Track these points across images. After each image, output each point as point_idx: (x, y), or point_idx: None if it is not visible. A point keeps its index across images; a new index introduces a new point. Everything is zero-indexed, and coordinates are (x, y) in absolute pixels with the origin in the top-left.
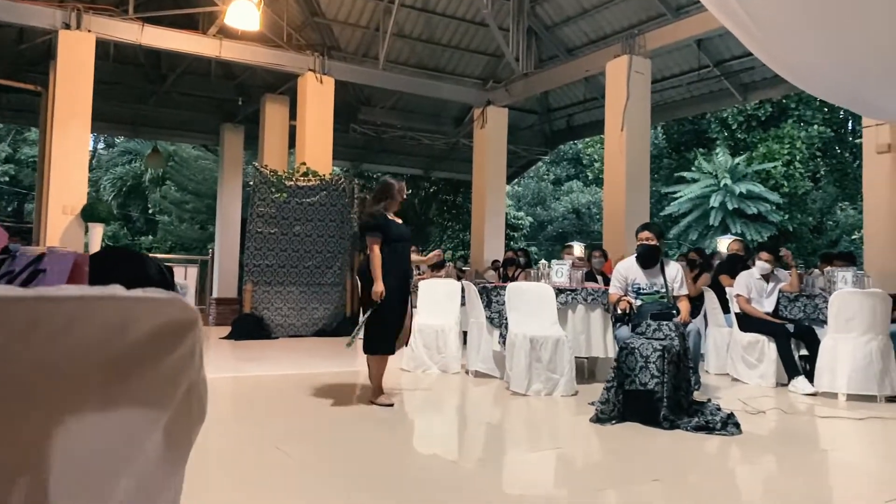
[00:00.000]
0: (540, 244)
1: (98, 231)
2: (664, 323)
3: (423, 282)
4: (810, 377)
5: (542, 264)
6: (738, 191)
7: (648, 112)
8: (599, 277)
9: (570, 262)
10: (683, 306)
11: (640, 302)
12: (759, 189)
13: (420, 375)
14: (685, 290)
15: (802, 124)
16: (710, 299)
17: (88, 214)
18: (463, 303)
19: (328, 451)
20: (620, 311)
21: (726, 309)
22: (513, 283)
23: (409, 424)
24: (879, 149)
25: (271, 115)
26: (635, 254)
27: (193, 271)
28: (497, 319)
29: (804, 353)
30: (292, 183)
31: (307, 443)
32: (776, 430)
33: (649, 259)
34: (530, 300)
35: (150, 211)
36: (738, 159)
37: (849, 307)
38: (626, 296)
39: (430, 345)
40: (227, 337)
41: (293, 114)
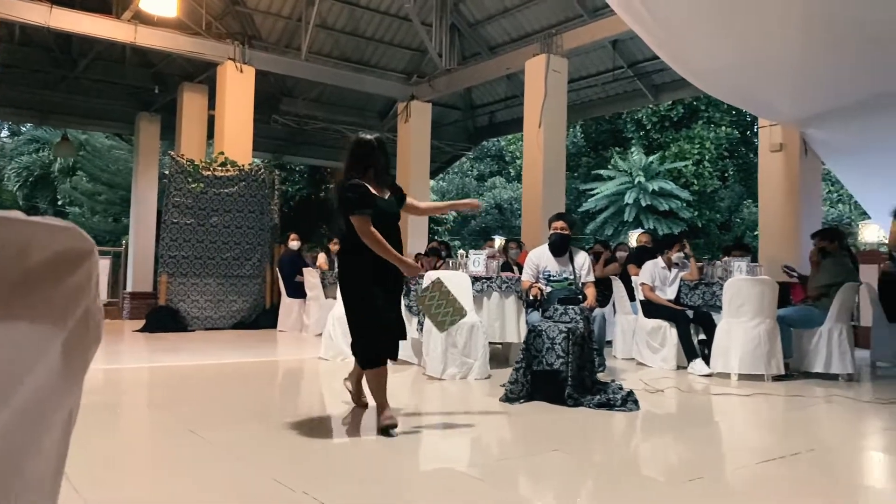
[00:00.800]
0: (464, 238)
1: None
2: (570, 307)
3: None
4: (708, 360)
5: (461, 254)
6: (651, 188)
7: (565, 110)
8: (515, 267)
9: (487, 253)
10: (590, 292)
11: (550, 288)
12: (670, 187)
13: (339, 363)
14: (592, 277)
15: (712, 126)
16: (619, 288)
17: None
18: None
19: (243, 434)
20: (532, 297)
21: (634, 298)
22: (431, 271)
23: (325, 410)
24: (773, 147)
25: (189, 104)
26: (548, 242)
27: (105, 264)
28: (415, 307)
29: (703, 337)
30: (210, 173)
31: (222, 427)
32: (672, 406)
33: (561, 247)
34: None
35: (60, 202)
36: (651, 158)
37: (740, 294)
38: (537, 283)
39: (348, 333)
40: (142, 330)
41: (212, 103)
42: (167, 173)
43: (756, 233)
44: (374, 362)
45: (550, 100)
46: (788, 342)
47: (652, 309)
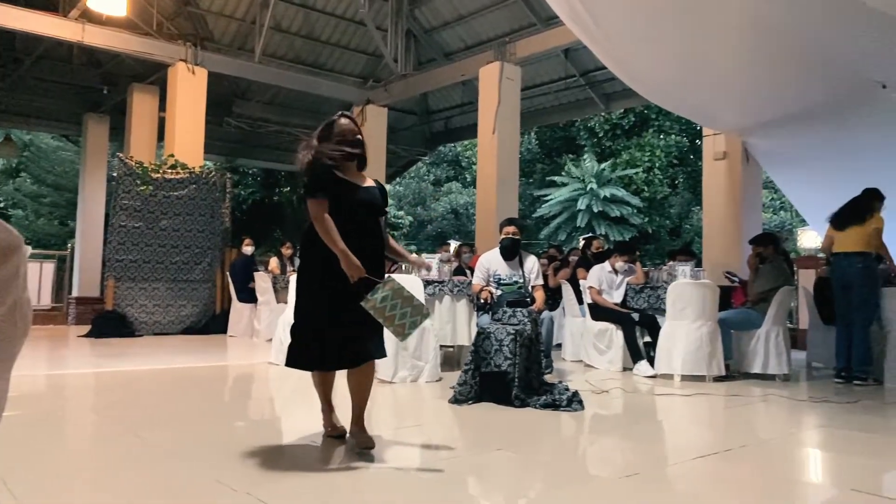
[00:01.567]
0: (420, 243)
1: None
2: (518, 309)
3: (294, 276)
4: (653, 361)
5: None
6: (602, 195)
7: (518, 117)
8: (468, 271)
9: (441, 257)
10: (539, 295)
11: (500, 292)
12: (622, 193)
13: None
14: (541, 281)
15: (662, 134)
16: (567, 292)
17: None
18: None
19: (187, 437)
20: (482, 301)
21: (582, 301)
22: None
23: (273, 413)
24: (716, 156)
25: (139, 105)
26: (499, 246)
27: (50, 268)
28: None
29: (648, 339)
30: (159, 175)
31: (166, 430)
32: (616, 406)
33: (512, 251)
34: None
35: (2, 205)
36: (603, 165)
37: (683, 297)
38: (488, 286)
39: None
40: (87, 335)
41: (163, 105)
42: (115, 175)
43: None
44: (293, 363)
45: (504, 107)
46: (729, 344)
47: (599, 312)
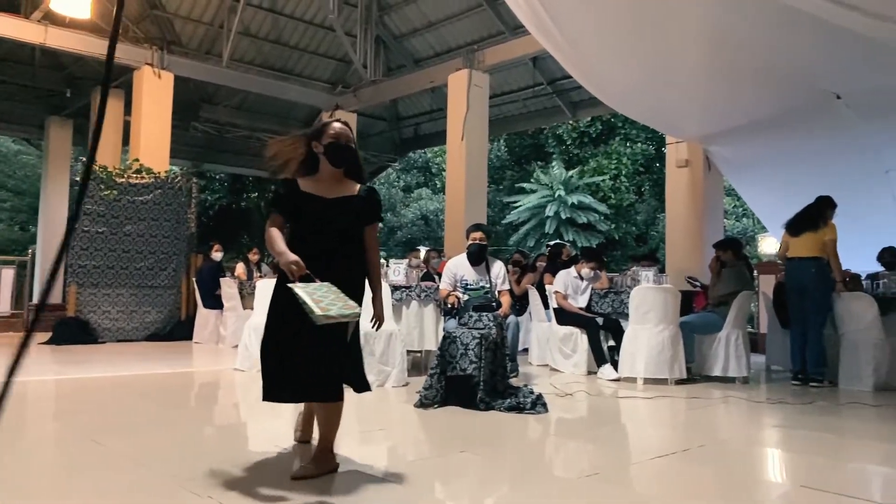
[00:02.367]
0: (390, 249)
1: None
2: (484, 314)
3: (260, 282)
4: (616, 365)
5: (381, 263)
6: (570, 202)
7: (486, 124)
8: (436, 276)
9: (408, 262)
10: (505, 300)
11: (467, 296)
12: (589, 200)
13: (255, 374)
14: (507, 286)
15: (628, 142)
16: (534, 297)
17: None
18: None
19: (150, 443)
20: (449, 305)
21: (548, 306)
22: None
23: (238, 419)
24: (679, 163)
25: None
26: (466, 252)
27: (9, 273)
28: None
29: (612, 343)
30: (124, 180)
31: (129, 436)
32: (579, 409)
33: (479, 257)
34: (366, 297)
35: None
36: (571, 172)
37: (646, 301)
38: (455, 291)
39: None
40: (48, 342)
41: (129, 109)
42: (79, 180)
43: None
44: (265, 394)
45: (473, 114)
46: (691, 347)
47: (564, 316)
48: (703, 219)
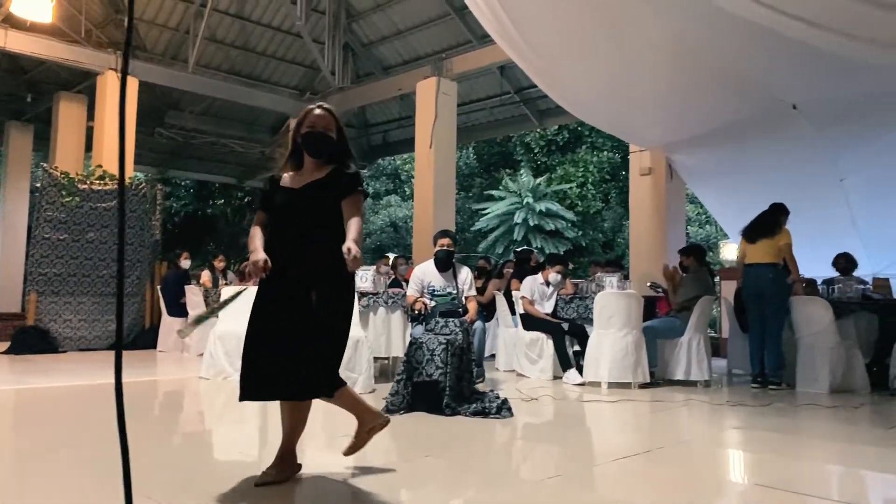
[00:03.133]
0: None
1: None
2: (451, 320)
3: (226, 289)
4: (582, 370)
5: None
6: (538, 209)
7: (454, 131)
8: (404, 283)
9: (375, 269)
10: (472, 306)
11: (434, 302)
12: (556, 208)
13: (220, 382)
14: (473, 292)
15: (595, 150)
16: (501, 303)
17: None
18: None
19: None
20: (416, 312)
21: (515, 311)
22: None
23: (206, 429)
24: (642, 171)
25: (66, 114)
26: (434, 258)
27: None
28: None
29: (578, 348)
30: (86, 186)
31: (86, 445)
32: (545, 413)
33: (446, 263)
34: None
35: None
36: (539, 180)
37: (609, 306)
38: (422, 297)
39: (231, 352)
40: (6, 352)
41: (92, 114)
42: (39, 186)
43: None
44: (243, 393)
45: (441, 121)
46: (654, 352)
47: (531, 322)
48: (666, 226)
